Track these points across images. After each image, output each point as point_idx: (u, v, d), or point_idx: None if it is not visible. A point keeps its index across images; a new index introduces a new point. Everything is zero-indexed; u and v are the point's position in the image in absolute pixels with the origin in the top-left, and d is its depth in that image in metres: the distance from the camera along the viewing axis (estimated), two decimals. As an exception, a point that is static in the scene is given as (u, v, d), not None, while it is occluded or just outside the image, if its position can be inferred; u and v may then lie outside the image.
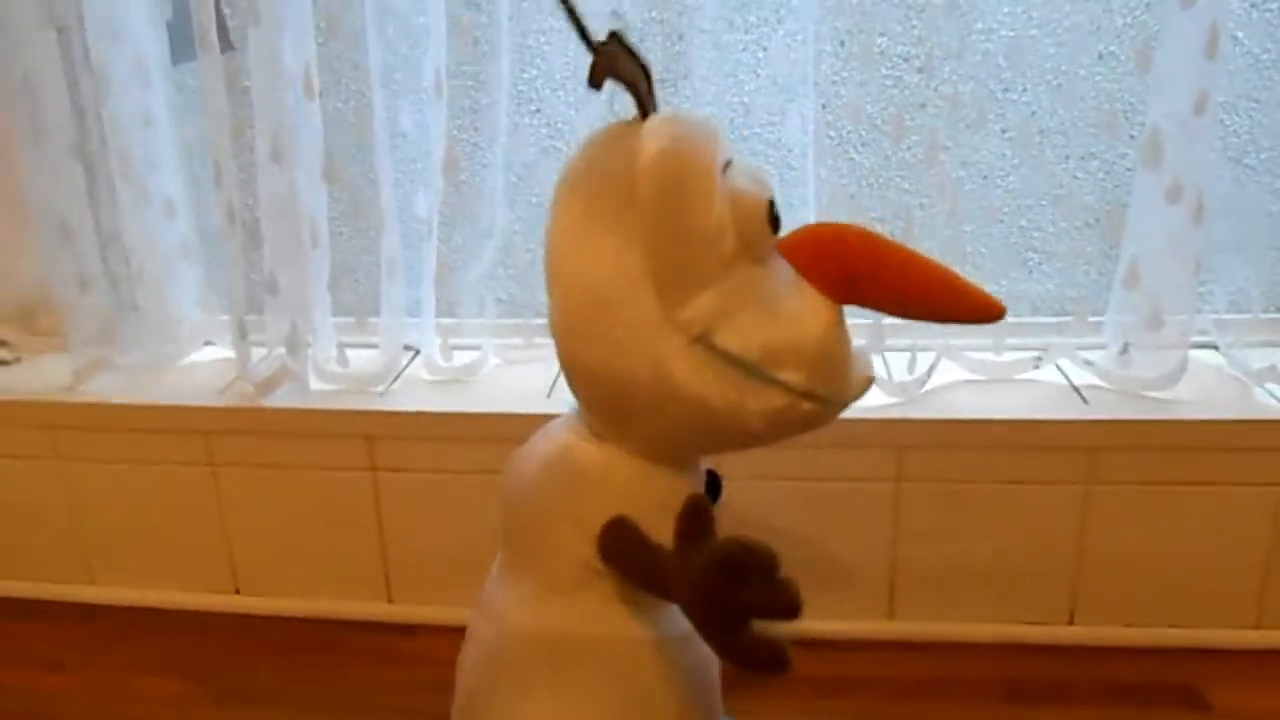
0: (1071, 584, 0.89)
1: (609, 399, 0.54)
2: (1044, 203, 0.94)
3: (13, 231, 1.03)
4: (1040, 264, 0.97)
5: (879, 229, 0.54)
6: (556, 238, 0.55)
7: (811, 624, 0.55)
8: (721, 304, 0.51)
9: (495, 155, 0.92)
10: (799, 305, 0.52)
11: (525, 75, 0.95)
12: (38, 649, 0.95)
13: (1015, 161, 0.93)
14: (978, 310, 0.53)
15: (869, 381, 0.55)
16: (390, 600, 0.97)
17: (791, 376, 0.51)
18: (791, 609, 0.45)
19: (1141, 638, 0.89)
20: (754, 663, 0.46)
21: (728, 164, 0.52)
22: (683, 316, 0.51)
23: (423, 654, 0.93)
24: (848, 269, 0.53)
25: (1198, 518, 0.86)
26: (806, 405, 0.52)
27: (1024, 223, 0.95)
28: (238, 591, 0.99)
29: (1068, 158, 0.92)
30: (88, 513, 0.99)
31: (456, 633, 0.95)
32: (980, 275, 0.86)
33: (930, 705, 0.85)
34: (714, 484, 0.64)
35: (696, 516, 0.50)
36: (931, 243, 0.87)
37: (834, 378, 0.53)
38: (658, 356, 0.51)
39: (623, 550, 0.54)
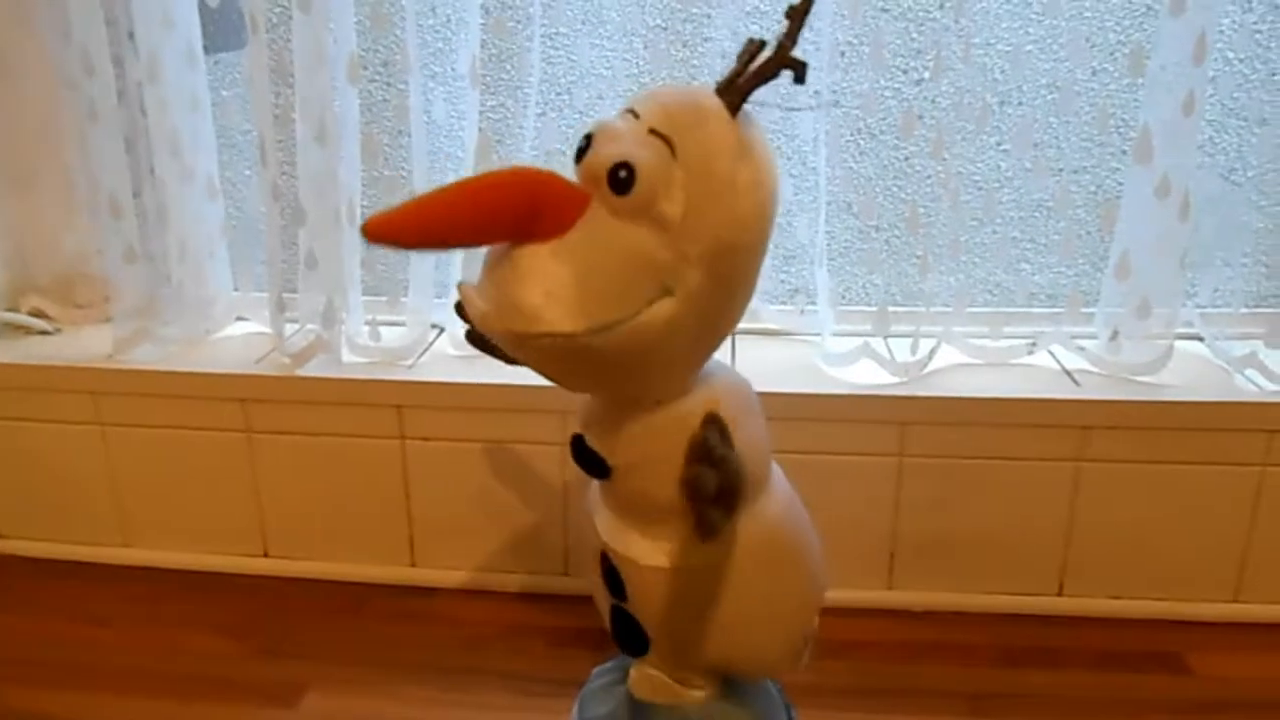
0: (1061, 557, 0.94)
1: None
2: (1041, 200, 0.99)
3: (59, 208, 1.08)
4: (1037, 256, 1.03)
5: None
6: None
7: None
8: None
9: (524, 142, 0.97)
10: None
11: (554, 68, 1.00)
12: (83, 606, 1.00)
13: (1013, 168, 0.98)
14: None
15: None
16: (413, 564, 1.02)
17: None
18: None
19: (1127, 609, 0.94)
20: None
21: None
22: None
23: (443, 614, 0.98)
24: None
25: (1181, 495, 0.91)
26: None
27: (1021, 219, 1.01)
28: (266, 555, 1.04)
29: (1062, 170, 0.97)
30: (127, 478, 1.03)
31: (474, 595, 1.00)
32: (980, 267, 0.92)
33: (926, 668, 0.90)
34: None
35: None
36: (935, 236, 0.93)
37: None
38: None
39: None
